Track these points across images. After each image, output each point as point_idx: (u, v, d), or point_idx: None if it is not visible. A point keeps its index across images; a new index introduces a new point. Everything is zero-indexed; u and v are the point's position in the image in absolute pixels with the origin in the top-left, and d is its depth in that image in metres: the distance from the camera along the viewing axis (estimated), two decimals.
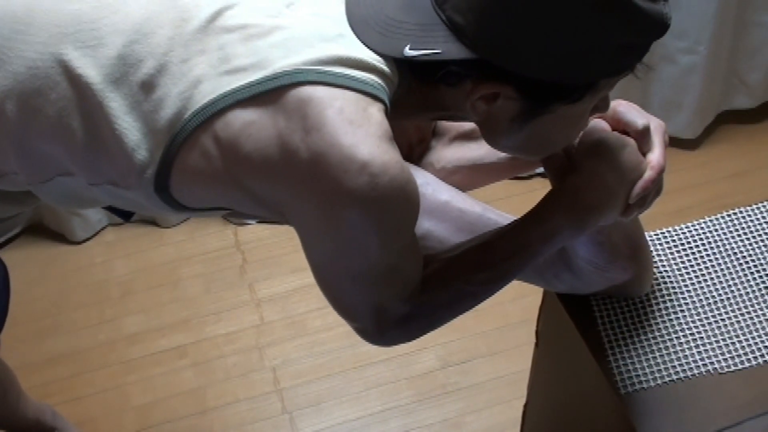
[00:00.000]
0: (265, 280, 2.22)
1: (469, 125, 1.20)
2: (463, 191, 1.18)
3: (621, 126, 1.07)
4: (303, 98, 0.89)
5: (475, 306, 1.08)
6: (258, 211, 1.00)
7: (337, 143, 0.87)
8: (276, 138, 0.90)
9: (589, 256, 1.14)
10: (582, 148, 1.05)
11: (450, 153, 1.22)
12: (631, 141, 1.05)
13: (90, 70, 0.96)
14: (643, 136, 1.06)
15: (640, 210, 1.07)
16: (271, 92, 0.90)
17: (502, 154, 1.17)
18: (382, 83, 0.91)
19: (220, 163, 0.93)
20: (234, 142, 0.92)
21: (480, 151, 1.20)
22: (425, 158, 1.23)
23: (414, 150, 1.22)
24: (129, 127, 0.95)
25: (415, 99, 0.98)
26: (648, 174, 1.04)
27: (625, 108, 1.07)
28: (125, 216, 1.19)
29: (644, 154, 1.06)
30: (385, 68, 0.92)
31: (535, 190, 2.33)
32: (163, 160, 0.95)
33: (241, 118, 0.91)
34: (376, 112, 0.90)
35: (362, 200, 0.88)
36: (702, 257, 1.29)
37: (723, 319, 1.21)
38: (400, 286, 1.01)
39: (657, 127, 1.07)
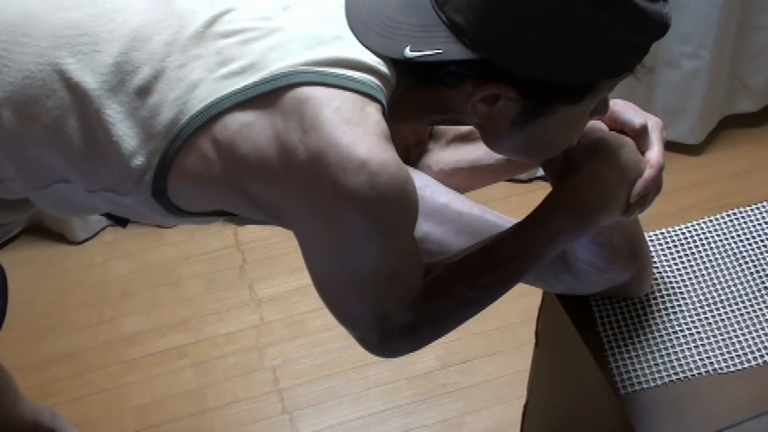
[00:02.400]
0: (265, 280, 2.22)
1: (466, 127, 1.20)
2: (461, 193, 1.18)
3: (618, 125, 1.07)
4: (300, 98, 0.89)
5: (478, 312, 1.07)
6: (257, 215, 1.00)
7: (335, 142, 0.87)
8: (274, 139, 0.90)
9: (589, 258, 1.14)
10: (581, 148, 1.05)
11: (447, 155, 1.22)
12: (629, 140, 1.05)
13: (87, 77, 0.95)
14: (641, 135, 1.06)
15: (640, 209, 1.07)
16: (268, 94, 0.90)
17: (500, 156, 1.17)
18: (380, 84, 0.91)
19: (218, 165, 0.93)
20: (231, 144, 0.92)
21: (477, 152, 1.20)
22: (422, 161, 1.22)
23: (411, 152, 1.21)
24: (126, 133, 0.95)
25: (415, 101, 0.97)
26: (648, 172, 1.04)
27: (621, 107, 1.07)
28: (122, 222, 1.18)
29: (643, 153, 1.06)
30: (384, 69, 0.92)
31: (535, 191, 2.33)
32: (160, 165, 0.95)
33: (239, 120, 0.91)
34: (373, 112, 0.89)
35: (361, 199, 0.88)
36: (702, 257, 1.29)
37: (723, 319, 1.21)
38: (402, 292, 1.00)
39: (654, 126, 1.07)
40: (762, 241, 1.30)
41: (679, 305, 1.23)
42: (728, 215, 1.34)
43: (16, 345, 2.06)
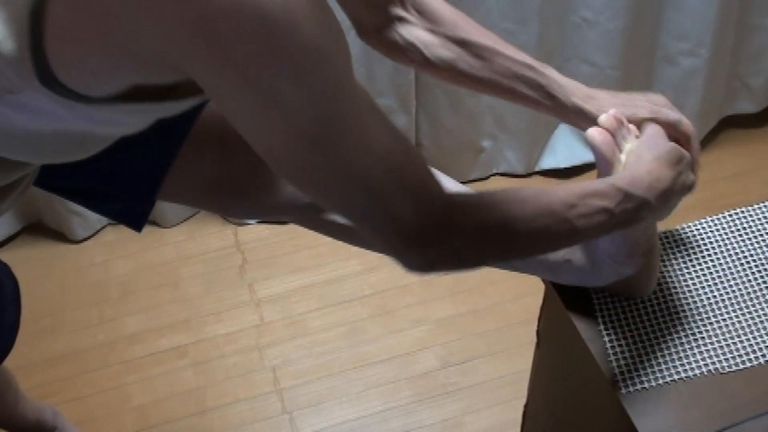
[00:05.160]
0: (265, 280, 2.23)
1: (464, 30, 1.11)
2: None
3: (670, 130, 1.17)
4: None
5: (517, 256, 0.99)
6: (168, 77, 0.82)
7: None
8: None
9: (610, 248, 1.14)
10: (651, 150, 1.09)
11: (441, 50, 1.11)
12: (686, 153, 1.10)
13: None
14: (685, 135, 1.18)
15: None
16: None
17: (493, 74, 1.11)
18: None
19: (94, 10, 0.74)
20: None
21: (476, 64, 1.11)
22: (403, 34, 1.10)
23: (367, 31, 1.10)
24: None
25: None
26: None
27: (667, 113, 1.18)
28: (137, 226, 1.15)
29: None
30: None
31: None
32: (31, 38, 0.78)
33: None
34: None
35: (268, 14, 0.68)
36: (703, 257, 1.29)
37: (724, 319, 1.21)
38: (405, 153, 0.81)
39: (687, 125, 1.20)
40: (763, 241, 1.30)
41: (680, 305, 1.23)
42: (729, 215, 1.34)
43: (16, 345, 2.06)
